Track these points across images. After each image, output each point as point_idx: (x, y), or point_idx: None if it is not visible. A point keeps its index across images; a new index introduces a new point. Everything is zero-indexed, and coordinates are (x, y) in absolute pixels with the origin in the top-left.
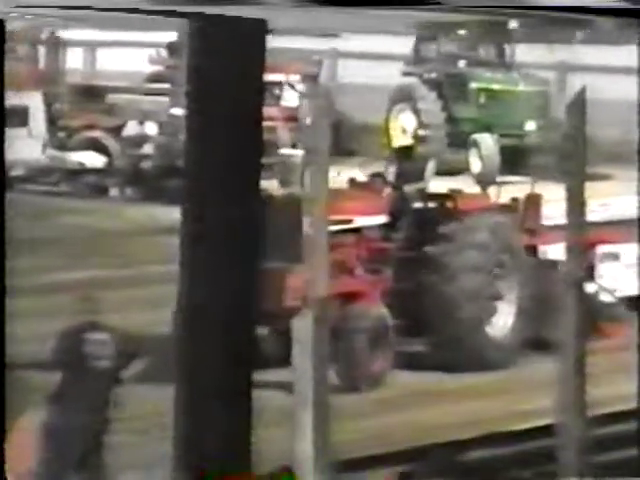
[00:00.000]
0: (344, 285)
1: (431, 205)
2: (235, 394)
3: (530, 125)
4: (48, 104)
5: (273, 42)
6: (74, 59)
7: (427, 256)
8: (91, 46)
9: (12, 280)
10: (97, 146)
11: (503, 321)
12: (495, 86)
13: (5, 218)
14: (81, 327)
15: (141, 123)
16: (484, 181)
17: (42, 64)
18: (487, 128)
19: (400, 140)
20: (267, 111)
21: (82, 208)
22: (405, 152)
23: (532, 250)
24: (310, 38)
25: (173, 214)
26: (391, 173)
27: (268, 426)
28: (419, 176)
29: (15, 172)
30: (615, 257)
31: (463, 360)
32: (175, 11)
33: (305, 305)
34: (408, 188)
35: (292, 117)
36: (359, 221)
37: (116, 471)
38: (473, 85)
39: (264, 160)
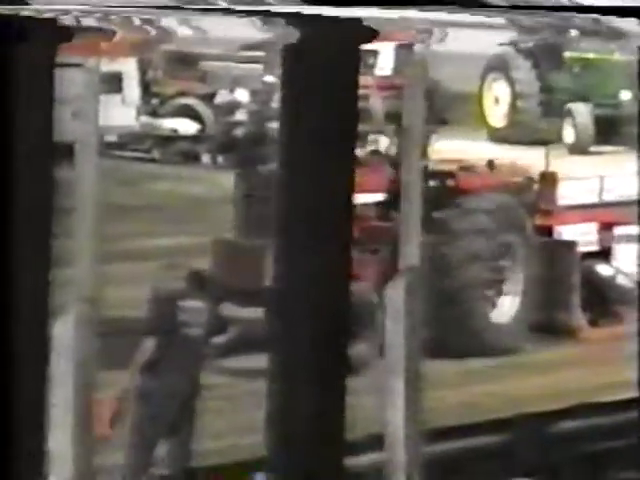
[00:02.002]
0: None
1: (432, 184)
2: (327, 362)
3: (625, 95)
4: (142, 71)
5: (367, 11)
6: (169, 24)
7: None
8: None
9: (105, 246)
10: (190, 113)
11: (508, 305)
12: (590, 55)
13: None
14: (175, 294)
15: (233, 90)
16: (578, 151)
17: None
18: (582, 97)
19: (493, 110)
20: (361, 79)
21: (174, 175)
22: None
23: (547, 231)
24: (404, 7)
25: None
26: (392, 149)
27: (360, 394)
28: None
29: (108, 138)
30: (634, 239)
31: (464, 345)
32: (269, 11)
33: (397, 274)
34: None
35: (386, 86)
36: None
37: (206, 437)
38: (568, 54)
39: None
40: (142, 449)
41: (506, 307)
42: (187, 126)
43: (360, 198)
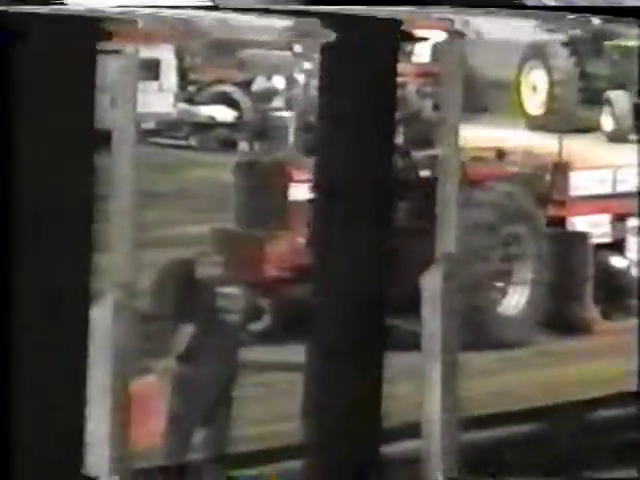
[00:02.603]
0: None
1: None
2: (365, 349)
3: None
4: (179, 58)
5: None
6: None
7: (430, 229)
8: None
9: (141, 233)
10: (227, 100)
11: (517, 297)
12: (630, 43)
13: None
14: (213, 281)
15: (270, 78)
16: (617, 139)
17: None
18: (621, 85)
19: (531, 98)
20: (398, 67)
21: (211, 162)
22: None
23: (560, 222)
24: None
25: None
26: (399, 138)
27: (397, 381)
28: (430, 142)
29: (146, 125)
30: None
31: (473, 339)
32: (308, 11)
33: (435, 261)
34: (417, 155)
35: (424, 73)
36: None
37: (243, 424)
38: (607, 42)
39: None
40: (179, 435)
41: (515, 299)
42: (224, 113)
43: None
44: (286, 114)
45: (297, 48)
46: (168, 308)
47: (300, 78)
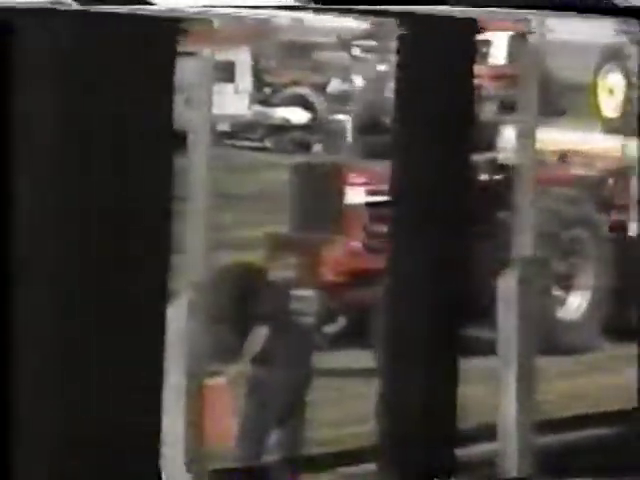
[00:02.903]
0: None
1: (496, 177)
2: (440, 351)
3: None
4: (255, 60)
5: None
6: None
7: (489, 232)
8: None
9: (216, 234)
10: (302, 102)
11: (578, 302)
12: None
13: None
14: (287, 283)
15: (345, 80)
16: None
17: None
18: None
19: (607, 101)
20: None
21: (286, 164)
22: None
23: (621, 227)
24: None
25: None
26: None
27: (472, 383)
28: (490, 145)
29: (221, 127)
30: None
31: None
32: (387, 11)
33: (509, 265)
34: (477, 157)
35: (500, 75)
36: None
37: (317, 427)
38: None
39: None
40: (253, 437)
41: (575, 305)
42: (299, 115)
43: None
44: (343, 117)
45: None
46: (242, 310)
47: (375, 80)
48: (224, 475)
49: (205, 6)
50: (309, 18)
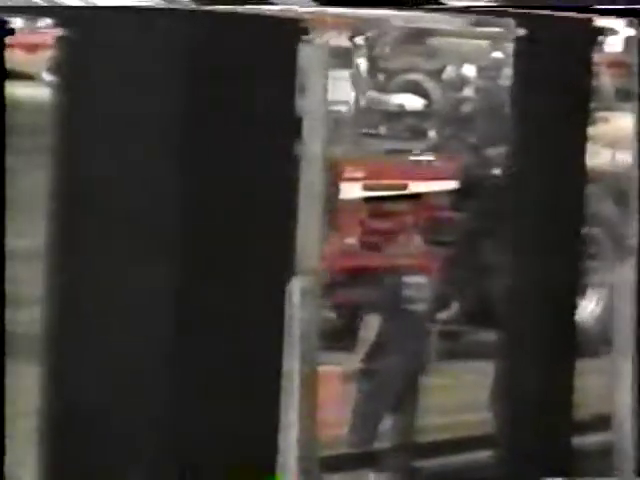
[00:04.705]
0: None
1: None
2: (556, 339)
3: None
4: (370, 46)
5: None
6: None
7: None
8: None
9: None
10: (417, 89)
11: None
12: None
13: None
14: (399, 270)
15: (461, 66)
16: None
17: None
18: None
19: None
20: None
21: (400, 150)
22: None
23: None
24: None
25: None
26: (473, 134)
27: (588, 373)
28: (505, 139)
29: (335, 112)
30: None
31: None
32: (506, 10)
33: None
34: (492, 152)
35: (616, 63)
36: (416, 187)
37: (430, 414)
38: None
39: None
40: (366, 424)
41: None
42: (414, 102)
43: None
44: (458, 104)
45: (487, 36)
46: (354, 297)
47: (490, 67)
48: (336, 462)
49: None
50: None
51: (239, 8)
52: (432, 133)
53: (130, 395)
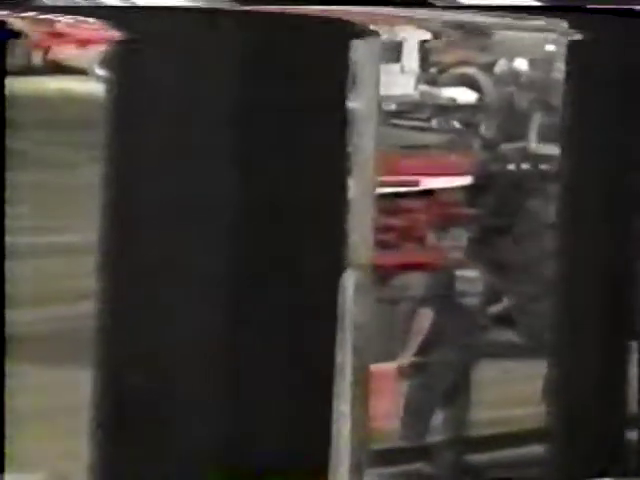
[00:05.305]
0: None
1: (524, 167)
2: (612, 332)
3: None
4: (421, 40)
5: None
6: None
7: (514, 227)
8: None
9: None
10: (469, 82)
11: None
12: None
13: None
14: (452, 264)
15: (513, 60)
16: None
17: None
18: None
19: None
20: None
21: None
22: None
23: None
24: None
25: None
26: (488, 128)
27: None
28: (521, 133)
29: (387, 107)
30: None
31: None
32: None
33: None
34: (506, 147)
35: None
36: (428, 183)
37: (481, 408)
38: None
39: None
40: (418, 418)
41: None
42: (466, 95)
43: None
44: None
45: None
46: (406, 291)
47: (543, 60)
48: (388, 455)
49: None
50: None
51: (289, 8)
52: (483, 127)
53: (185, 387)
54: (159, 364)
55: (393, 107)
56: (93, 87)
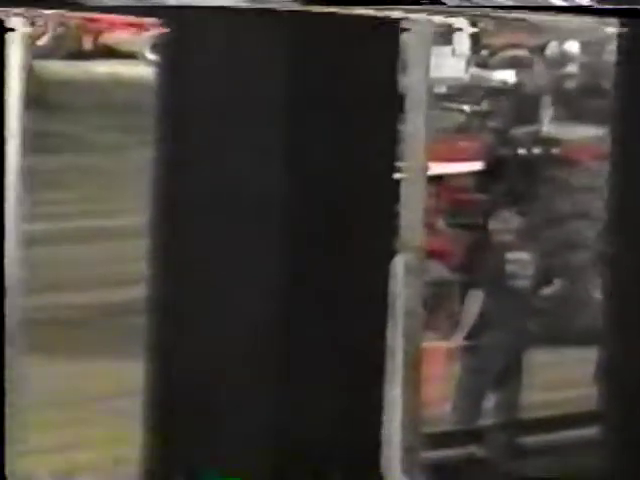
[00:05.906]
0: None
1: (535, 151)
2: None
3: None
4: (473, 22)
5: None
6: None
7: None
8: None
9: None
10: (520, 65)
11: None
12: None
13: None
14: (503, 246)
15: (564, 42)
16: None
17: None
18: None
19: None
20: None
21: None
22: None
23: None
24: None
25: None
26: (497, 112)
27: None
28: (532, 117)
29: (438, 90)
30: None
31: (573, 335)
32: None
33: None
34: (516, 131)
35: None
36: (437, 168)
37: (532, 391)
38: None
39: None
40: (470, 401)
41: None
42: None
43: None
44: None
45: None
46: (459, 273)
47: (594, 43)
48: (440, 438)
49: None
50: None
51: (335, 8)
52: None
53: (235, 373)
54: (210, 349)
55: (443, 89)
56: (143, 71)
